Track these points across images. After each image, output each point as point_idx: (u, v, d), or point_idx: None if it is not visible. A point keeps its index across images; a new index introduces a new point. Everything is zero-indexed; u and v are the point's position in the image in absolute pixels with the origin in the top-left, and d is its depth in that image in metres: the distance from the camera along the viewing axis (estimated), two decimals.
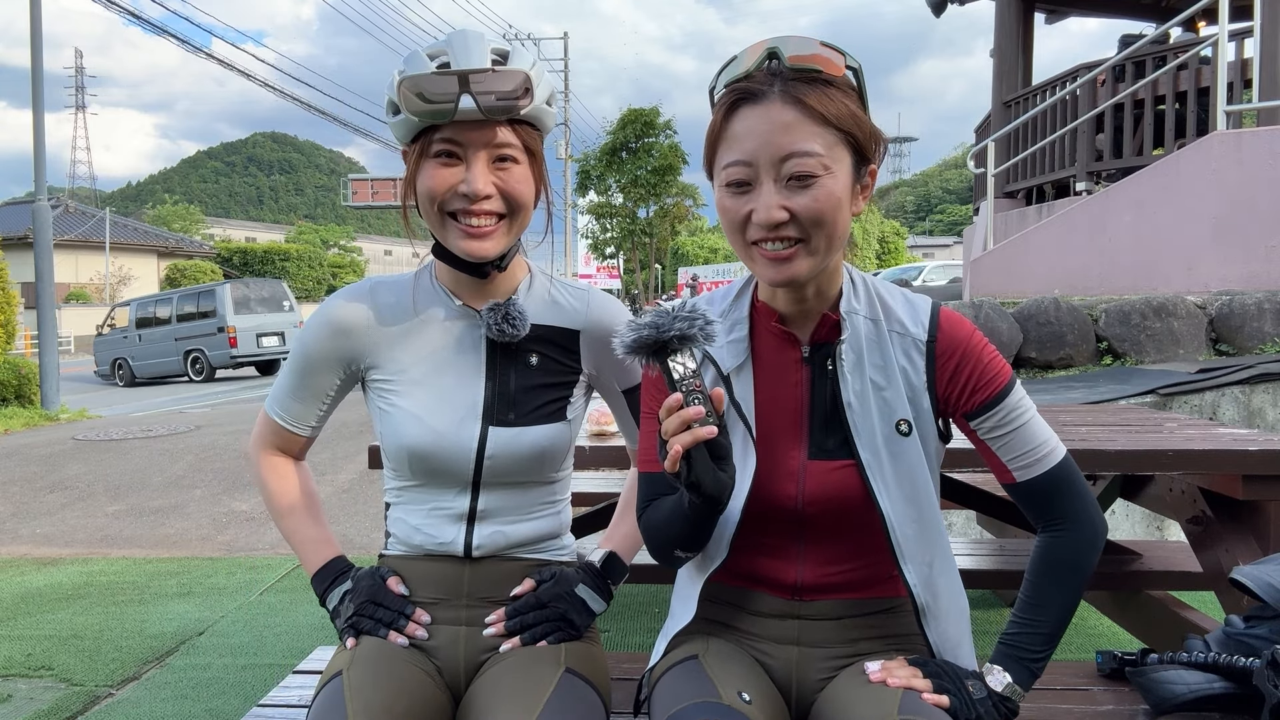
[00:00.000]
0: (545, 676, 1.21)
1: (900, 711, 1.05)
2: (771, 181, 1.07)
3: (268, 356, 17.23)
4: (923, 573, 1.17)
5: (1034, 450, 1.16)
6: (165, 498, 5.58)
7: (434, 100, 1.19)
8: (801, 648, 1.22)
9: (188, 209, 60.13)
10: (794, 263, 1.09)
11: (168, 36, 17.07)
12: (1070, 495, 1.17)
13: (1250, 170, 6.01)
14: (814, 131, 1.06)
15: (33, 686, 2.82)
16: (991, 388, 1.15)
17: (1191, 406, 4.43)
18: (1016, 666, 1.15)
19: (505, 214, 1.26)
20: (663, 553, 1.20)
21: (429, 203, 1.25)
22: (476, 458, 1.29)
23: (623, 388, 1.39)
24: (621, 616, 3.33)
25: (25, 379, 10.08)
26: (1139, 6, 10.65)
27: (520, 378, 1.31)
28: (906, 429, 1.16)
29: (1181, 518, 2.19)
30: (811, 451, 1.17)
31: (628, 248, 24.37)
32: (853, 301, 1.19)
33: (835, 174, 1.08)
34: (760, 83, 1.08)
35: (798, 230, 1.08)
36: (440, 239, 1.29)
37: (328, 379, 1.37)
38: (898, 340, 1.18)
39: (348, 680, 1.18)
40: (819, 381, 1.18)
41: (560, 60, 39.95)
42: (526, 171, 1.26)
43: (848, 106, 1.08)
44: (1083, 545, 1.17)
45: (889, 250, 49.18)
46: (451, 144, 1.22)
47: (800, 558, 1.21)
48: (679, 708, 1.08)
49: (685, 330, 1.03)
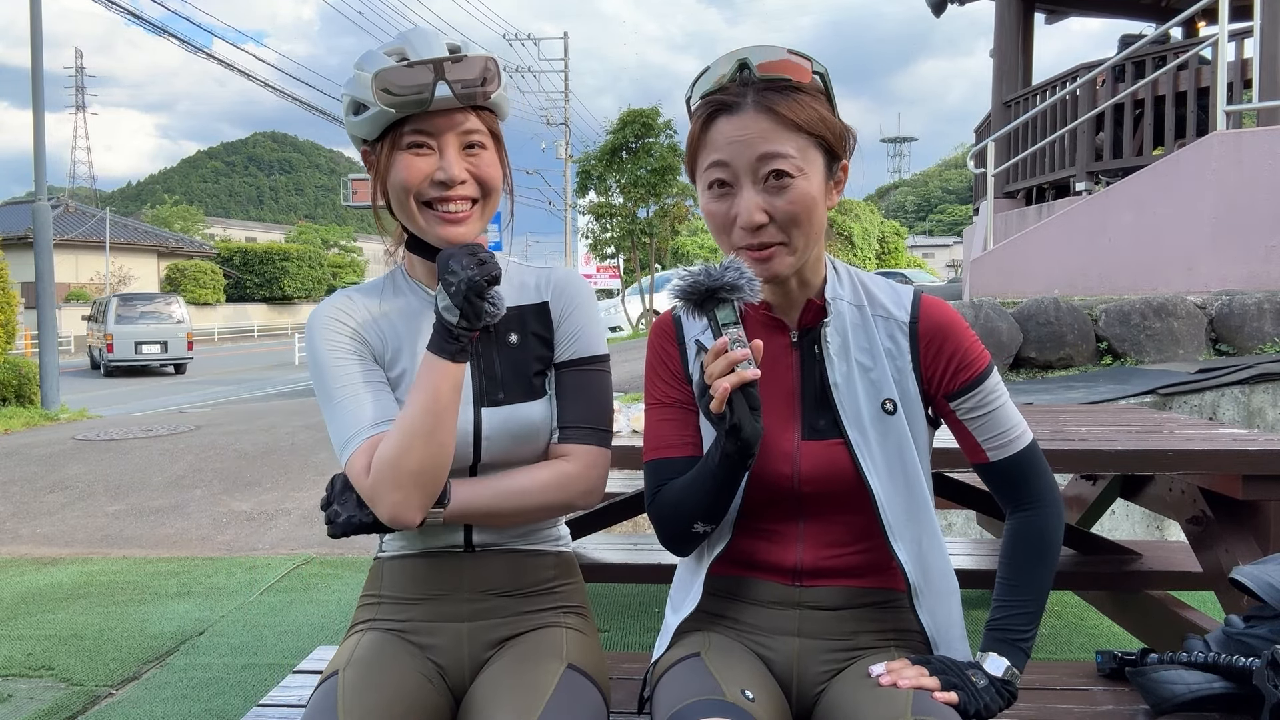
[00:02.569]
0: (547, 673, 1.21)
1: (913, 712, 1.06)
2: (750, 184, 1.15)
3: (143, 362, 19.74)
4: (913, 550, 1.21)
5: (1008, 432, 1.22)
6: (165, 498, 5.58)
7: (408, 92, 1.21)
8: (802, 639, 1.24)
9: (187, 209, 60.11)
10: (775, 261, 1.17)
11: (168, 37, 17.06)
12: (1038, 475, 1.23)
13: (1250, 170, 6.01)
14: (786, 137, 1.14)
15: (33, 686, 2.82)
16: (973, 369, 1.22)
17: (1191, 406, 4.43)
18: (1010, 649, 1.18)
19: (478, 198, 1.29)
20: (680, 531, 1.23)
21: (404, 194, 1.26)
22: (474, 441, 1.29)
23: (558, 359, 1.35)
24: (621, 616, 3.33)
25: (25, 379, 10.09)
26: (1139, 6, 10.66)
27: (504, 358, 1.33)
28: (892, 408, 1.21)
29: (1181, 518, 2.19)
30: (804, 432, 1.23)
31: (628, 248, 24.36)
32: (837, 288, 1.26)
33: (808, 175, 1.15)
34: (734, 94, 1.16)
35: (778, 231, 1.16)
36: (416, 231, 1.30)
37: (363, 363, 1.29)
38: (882, 324, 1.24)
39: (342, 680, 1.18)
40: (808, 365, 1.24)
41: (560, 60, 39.96)
42: (494, 156, 1.30)
43: (817, 111, 1.16)
44: (1052, 523, 1.22)
45: (889, 250, 49.16)
46: (422, 134, 1.25)
47: (800, 539, 1.24)
48: (682, 705, 1.09)
49: (735, 280, 1.09)
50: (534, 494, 1.30)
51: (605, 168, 23.03)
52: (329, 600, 3.64)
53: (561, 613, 1.35)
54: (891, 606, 1.26)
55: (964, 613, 1.26)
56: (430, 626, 1.31)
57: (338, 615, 3.44)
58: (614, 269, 34.66)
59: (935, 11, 10.55)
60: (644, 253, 24.34)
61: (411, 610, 1.32)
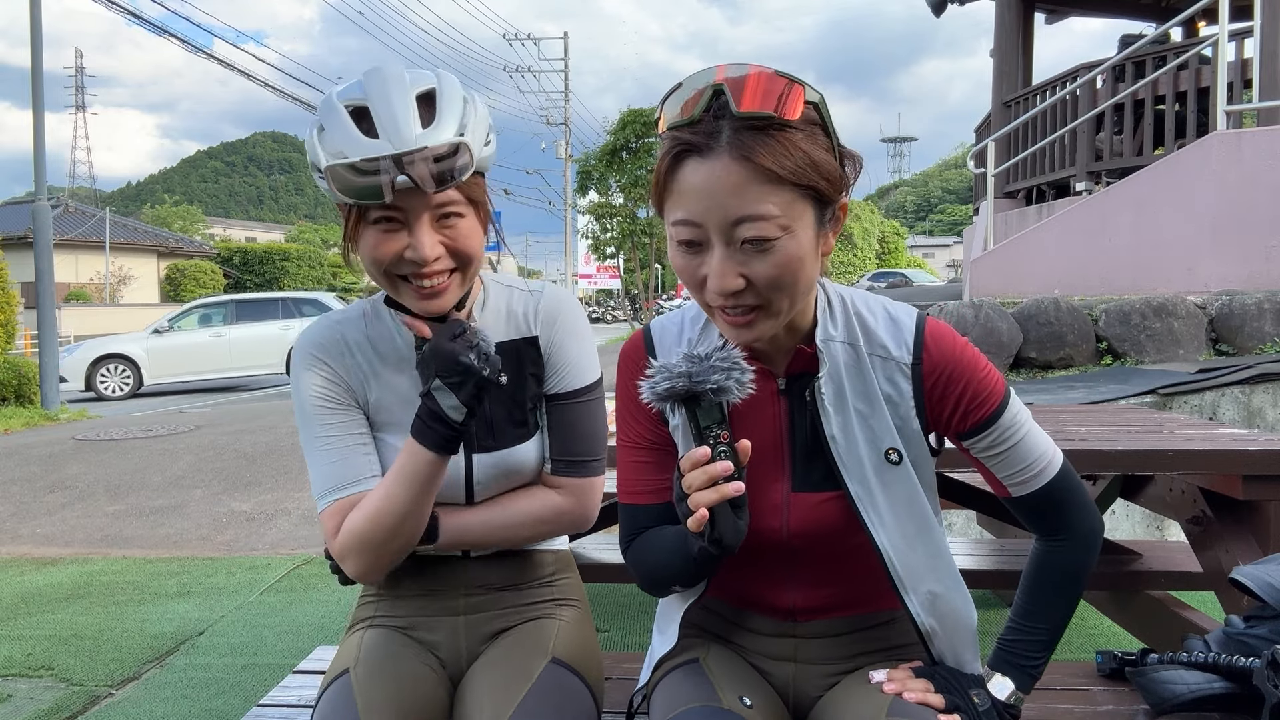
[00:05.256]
0: (530, 666, 1.21)
1: (889, 714, 1.04)
2: (724, 245, 0.97)
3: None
4: (925, 600, 1.12)
5: (1029, 466, 1.11)
6: (165, 498, 5.58)
7: (365, 191, 1.09)
8: (799, 664, 1.21)
9: (187, 209, 60.03)
10: (755, 327, 1.01)
11: (169, 37, 17.06)
12: (1068, 507, 1.13)
13: (1250, 170, 6.01)
14: (767, 192, 0.94)
15: (33, 686, 2.82)
16: (985, 409, 1.09)
17: (1191, 406, 4.43)
18: (1017, 673, 1.14)
19: (456, 268, 1.19)
20: (657, 588, 1.18)
21: (374, 267, 1.17)
22: (466, 485, 1.29)
23: (548, 391, 1.32)
24: (621, 616, 3.33)
25: (25, 379, 10.08)
26: (1139, 6, 10.66)
27: (494, 402, 1.28)
28: (897, 458, 1.10)
29: (1181, 518, 2.19)
30: (795, 484, 1.12)
31: (628, 248, 24.38)
32: (829, 329, 1.11)
33: (795, 233, 0.97)
34: (706, 133, 0.95)
35: (755, 297, 0.99)
36: (393, 295, 1.23)
37: (346, 414, 1.26)
38: (879, 365, 1.10)
39: (355, 678, 1.19)
40: (798, 413, 1.12)
41: (560, 60, 39.98)
42: (473, 222, 1.19)
43: (806, 155, 0.95)
44: (1080, 554, 1.15)
45: (889, 250, 49.16)
46: (391, 210, 1.13)
47: (792, 583, 1.18)
48: (679, 710, 1.08)
49: (721, 383, 0.97)
50: (525, 527, 1.30)
51: (606, 168, 23.02)
52: (329, 600, 3.64)
53: (556, 605, 1.35)
54: (894, 624, 1.21)
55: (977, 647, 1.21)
56: (429, 621, 1.31)
57: (338, 615, 3.44)
58: (614, 269, 34.66)
59: (935, 11, 10.56)
60: (644, 252, 24.30)
61: (411, 606, 1.33)
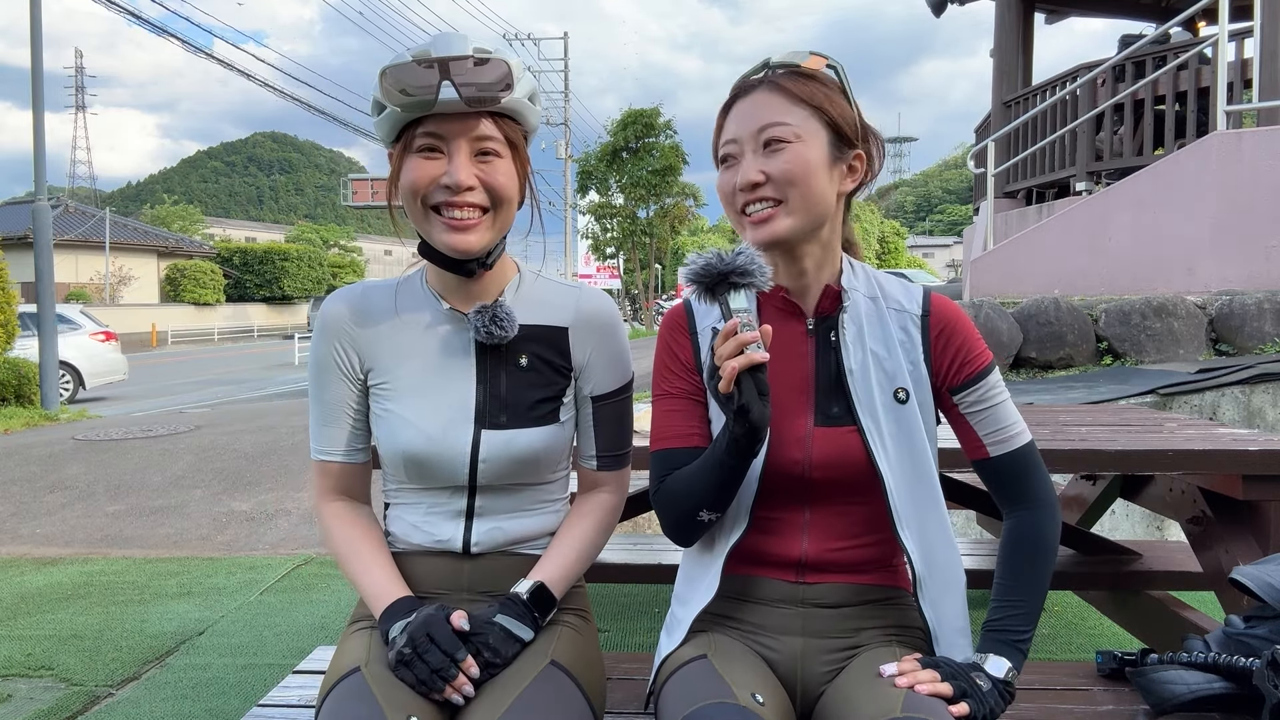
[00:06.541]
0: (527, 668, 1.21)
1: (904, 709, 1.06)
2: (752, 152, 1.22)
3: None
4: (920, 540, 1.22)
5: (1008, 427, 1.25)
6: (165, 498, 5.58)
7: (415, 92, 1.20)
8: (806, 638, 1.25)
9: (187, 209, 59.99)
10: (774, 222, 1.21)
11: (169, 37, 17.06)
12: (1036, 475, 1.26)
13: (1250, 170, 6.01)
14: (787, 107, 1.21)
15: (33, 686, 2.82)
16: (977, 364, 1.26)
17: (1191, 406, 4.43)
18: (1009, 650, 1.20)
19: (489, 207, 1.26)
20: (685, 519, 1.23)
21: (412, 196, 1.25)
22: (470, 461, 1.29)
23: (595, 393, 1.38)
24: (621, 616, 3.33)
25: (25, 379, 10.08)
26: (1139, 6, 10.66)
27: (511, 380, 1.31)
28: (905, 396, 1.24)
29: (1181, 518, 2.19)
30: (818, 419, 1.24)
31: (628, 248, 24.39)
32: (852, 280, 1.29)
33: (806, 142, 1.20)
34: (752, 82, 1.25)
35: (774, 190, 1.20)
36: (424, 235, 1.29)
37: (341, 389, 1.34)
38: (895, 316, 1.28)
39: (370, 674, 1.19)
40: (823, 352, 1.27)
41: (561, 60, 39.95)
42: (510, 165, 1.27)
43: (822, 90, 1.22)
44: (1048, 523, 1.24)
45: (889, 250, 49.23)
46: (433, 137, 1.23)
47: (805, 529, 1.25)
48: (695, 708, 1.09)
49: (747, 265, 1.11)
50: (601, 543, 1.39)
51: (606, 168, 23.03)
52: (329, 600, 3.64)
53: (560, 610, 1.35)
54: (894, 603, 1.28)
55: (966, 611, 1.26)
56: None
57: (338, 615, 3.45)
58: (614, 269, 34.68)
59: (935, 11, 10.55)
60: (644, 253, 24.32)
61: None
